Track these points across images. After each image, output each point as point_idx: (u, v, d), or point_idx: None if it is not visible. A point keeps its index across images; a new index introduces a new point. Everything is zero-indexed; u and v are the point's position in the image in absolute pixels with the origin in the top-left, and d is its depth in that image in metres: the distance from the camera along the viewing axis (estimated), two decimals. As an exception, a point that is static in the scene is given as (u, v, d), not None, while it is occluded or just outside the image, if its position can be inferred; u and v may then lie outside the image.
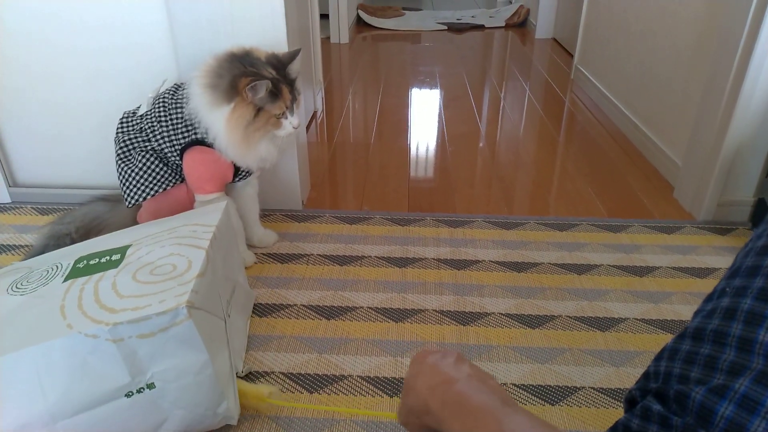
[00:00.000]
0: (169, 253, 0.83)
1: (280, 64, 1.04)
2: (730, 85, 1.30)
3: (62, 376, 0.70)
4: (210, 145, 1.10)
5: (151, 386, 0.72)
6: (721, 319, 0.46)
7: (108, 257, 0.85)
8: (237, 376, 0.88)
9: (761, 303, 0.43)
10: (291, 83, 1.05)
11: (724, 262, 1.26)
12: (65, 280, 0.81)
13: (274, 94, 1.02)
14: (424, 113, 2.23)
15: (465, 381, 0.49)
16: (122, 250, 0.86)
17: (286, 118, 1.06)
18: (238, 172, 1.17)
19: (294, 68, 1.06)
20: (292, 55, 1.05)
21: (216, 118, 1.03)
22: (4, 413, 0.70)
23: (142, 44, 1.32)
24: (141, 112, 1.16)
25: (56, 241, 1.17)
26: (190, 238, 0.87)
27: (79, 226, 1.21)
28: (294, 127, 1.07)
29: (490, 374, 0.54)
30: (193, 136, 1.10)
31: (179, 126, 1.11)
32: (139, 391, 0.72)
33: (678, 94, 1.63)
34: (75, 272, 0.82)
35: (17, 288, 0.83)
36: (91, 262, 0.84)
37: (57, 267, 0.86)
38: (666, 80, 1.70)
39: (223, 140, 1.05)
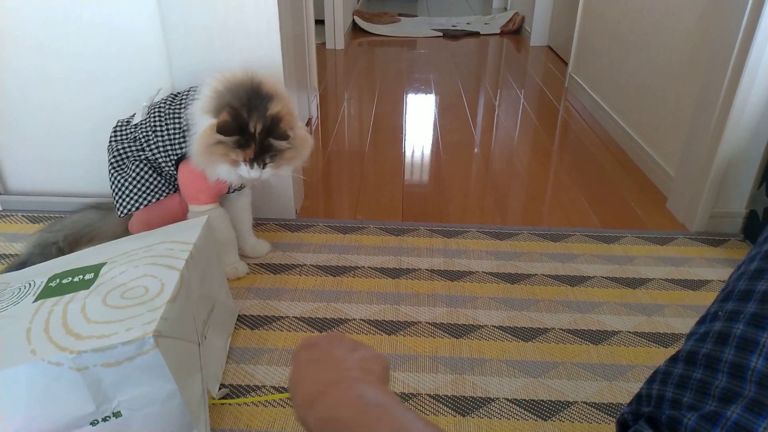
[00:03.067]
0: (143, 274, 0.81)
1: (270, 131, 1.00)
2: (723, 98, 1.31)
3: (24, 404, 0.68)
4: None
5: (117, 414, 0.71)
6: (713, 344, 0.45)
7: (81, 276, 0.83)
8: (213, 400, 0.86)
9: (753, 329, 0.43)
10: (264, 148, 1.01)
11: (716, 274, 1.26)
12: (36, 299, 0.79)
13: (240, 144, 1.00)
14: (419, 121, 2.23)
15: (342, 385, 0.45)
16: (96, 269, 0.84)
17: (243, 165, 1.03)
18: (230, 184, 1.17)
19: (279, 145, 1.02)
20: (282, 137, 1.00)
21: (200, 123, 1.02)
22: None
23: (135, 52, 1.31)
24: (135, 121, 1.16)
25: (42, 249, 1.16)
26: (166, 257, 0.84)
27: (68, 234, 1.20)
28: (250, 176, 1.04)
29: (375, 362, 0.49)
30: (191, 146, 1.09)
31: (176, 136, 1.10)
32: (105, 420, 0.71)
33: (671, 106, 1.63)
34: (46, 291, 0.81)
35: None
36: (64, 281, 0.82)
37: (30, 284, 0.84)
38: (659, 91, 1.71)
39: (193, 143, 1.04)
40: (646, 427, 0.46)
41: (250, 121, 0.99)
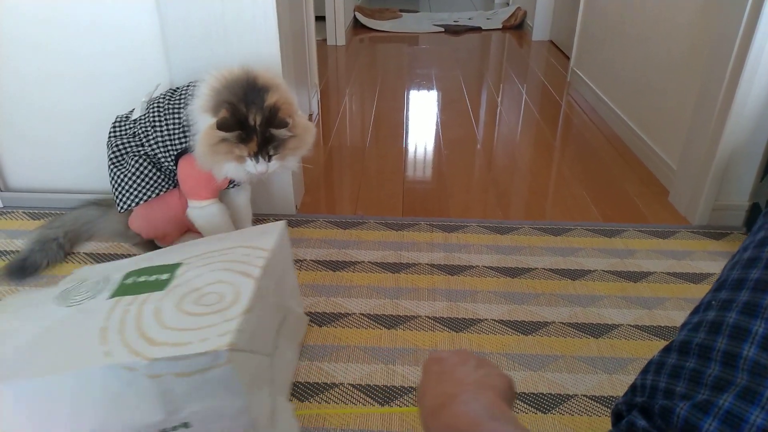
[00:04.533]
0: (217, 280, 0.79)
1: (269, 121, 1.00)
2: (724, 90, 1.30)
3: (96, 405, 0.68)
4: None
5: (186, 425, 0.70)
6: (706, 333, 0.45)
7: (157, 276, 0.82)
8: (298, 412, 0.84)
9: (746, 317, 0.43)
10: (267, 140, 1.01)
11: (718, 267, 1.25)
12: (111, 296, 0.79)
13: (242, 138, 1.00)
14: (421, 116, 2.22)
15: (461, 398, 0.47)
16: (171, 269, 0.83)
17: (249, 161, 1.03)
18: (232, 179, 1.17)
19: (280, 134, 1.02)
20: (281, 124, 1.00)
21: (200, 123, 1.03)
22: None
23: (133, 49, 1.31)
24: (134, 116, 1.16)
25: (42, 245, 1.17)
26: (242, 263, 0.83)
27: (68, 230, 1.20)
28: (257, 171, 1.03)
29: (497, 379, 0.51)
30: (192, 141, 1.09)
31: (176, 131, 1.10)
32: (173, 429, 0.70)
33: (673, 99, 1.62)
34: (122, 289, 0.80)
35: (64, 299, 0.82)
36: (139, 280, 0.82)
37: (106, 280, 0.84)
38: (661, 84, 1.70)
39: (196, 145, 1.04)
40: (639, 417, 0.46)
41: (249, 115, 0.99)
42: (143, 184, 1.13)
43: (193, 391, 0.68)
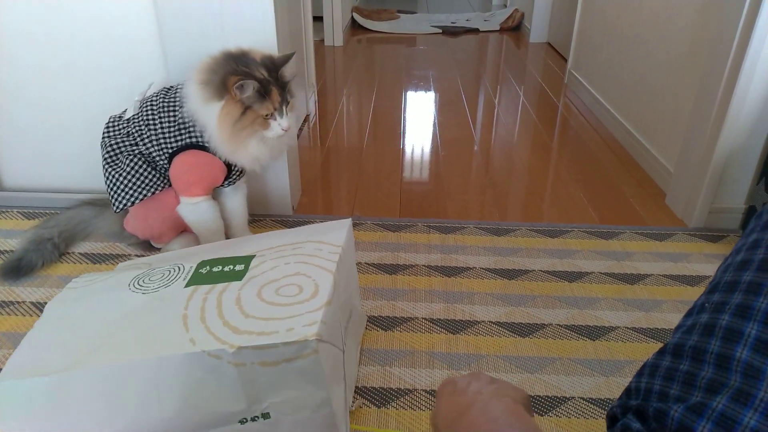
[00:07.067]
0: (295, 272, 0.79)
1: (273, 66, 1.03)
2: (722, 93, 1.30)
3: (180, 392, 0.67)
4: (204, 148, 1.09)
5: (266, 416, 0.69)
6: (699, 336, 0.46)
7: (231, 266, 0.82)
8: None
9: (739, 319, 0.43)
10: (283, 86, 1.04)
11: (714, 270, 1.25)
12: (187, 285, 0.78)
13: (262, 94, 1.01)
14: (418, 117, 2.22)
15: (477, 407, 0.47)
16: (246, 261, 0.83)
17: (275, 119, 1.05)
18: (229, 175, 1.17)
19: (288, 71, 1.05)
20: (286, 58, 1.05)
21: (208, 115, 1.03)
22: (120, 418, 0.68)
23: (130, 45, 1.30)
24: (127, 116, 1.15)
25: (37, 245, 1.16)
26: (316, 257, 0.82)
27: (63, 230, 1.19)
28: (283, 129, 1.06)
29: (512, 391, 0.52)
30: (187, 140, 1.09)
31: (172, 129, 1.09)
32: (253, 419, 0.69)
33: (670, 101, 1.63)
34: (197, 278, 0.80)
35: (139, 285, 0.81)
36: (214, 270, 0.81)
37: (179, 269, 0.83)
38: (658, 87, 1.71)
39: (214, 137, 1.05)
40: (634, 420, 0.46)
41: (254, 72, 1.01)
42: (138, 183, 1.12)
43: (276, 381, 0.67)
